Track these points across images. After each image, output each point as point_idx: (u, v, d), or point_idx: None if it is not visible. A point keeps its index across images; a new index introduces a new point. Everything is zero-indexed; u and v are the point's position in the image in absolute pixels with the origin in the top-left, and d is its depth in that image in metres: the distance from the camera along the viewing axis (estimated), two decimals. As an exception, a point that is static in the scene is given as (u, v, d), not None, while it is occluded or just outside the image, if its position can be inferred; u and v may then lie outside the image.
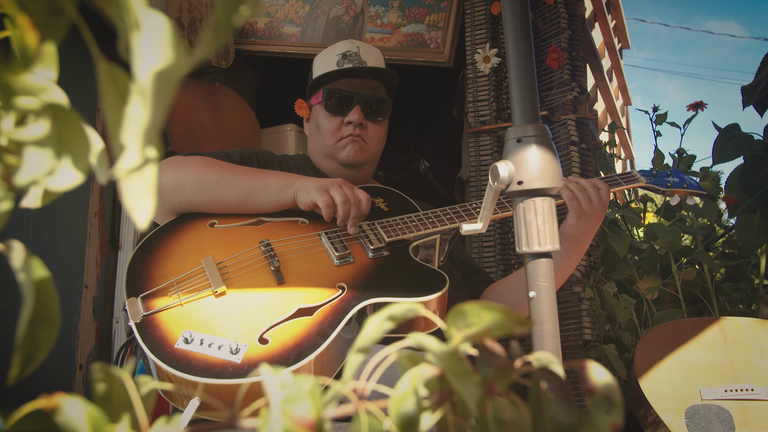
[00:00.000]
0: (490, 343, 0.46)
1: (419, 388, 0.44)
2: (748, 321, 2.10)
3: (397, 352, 0.47)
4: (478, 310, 0.46)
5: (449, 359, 0.44)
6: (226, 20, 0.35)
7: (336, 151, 1.91)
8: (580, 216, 1.69)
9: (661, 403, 1.97)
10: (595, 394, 0.44)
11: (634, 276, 2.61)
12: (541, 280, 1.17)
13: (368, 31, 2.99)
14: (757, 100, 2.71)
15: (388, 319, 0.48)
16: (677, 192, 1.87)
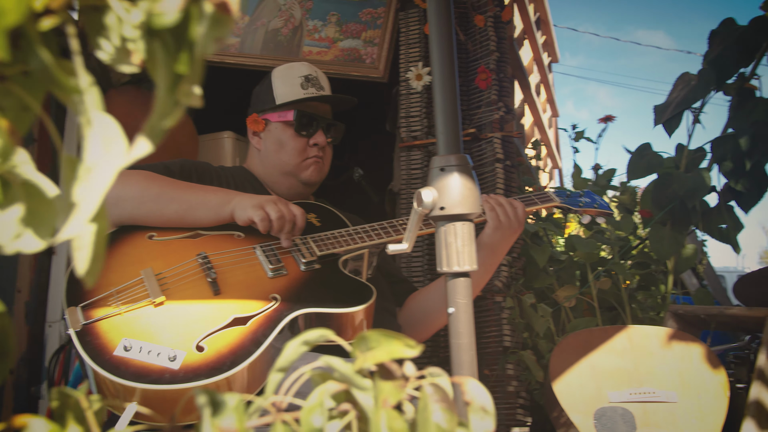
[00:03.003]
0: (387, 363, 0.56)
1: (326, 401, 0.54)
2: (653, 329, 2.26)
3: (311, 371, 0.57)
4: (377, 336, 0.56)
5: (353, 377, 0.54)
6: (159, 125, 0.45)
7: (300, 171, 2.02)
8: (496, 227, 1.84)
9: (572, 405, 2.12)
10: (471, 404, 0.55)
11: (554, 285, 2.77)
12: (459, 297, 1.29)
13: (306, 44, 3.08)
14: (667, 120, 2.91)
15: (303, 343, 0.58)
16: (588, 212, 2.03)
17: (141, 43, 0.45)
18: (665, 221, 2.87)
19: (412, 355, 0.56)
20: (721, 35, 2.94)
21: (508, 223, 1.84)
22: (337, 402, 0.57)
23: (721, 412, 2.11)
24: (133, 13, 0.44)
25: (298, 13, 3.13)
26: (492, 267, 1.94)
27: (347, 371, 0.55)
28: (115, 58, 0.46)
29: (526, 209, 1.90)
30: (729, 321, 2.41)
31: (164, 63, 0.45)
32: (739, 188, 2.85)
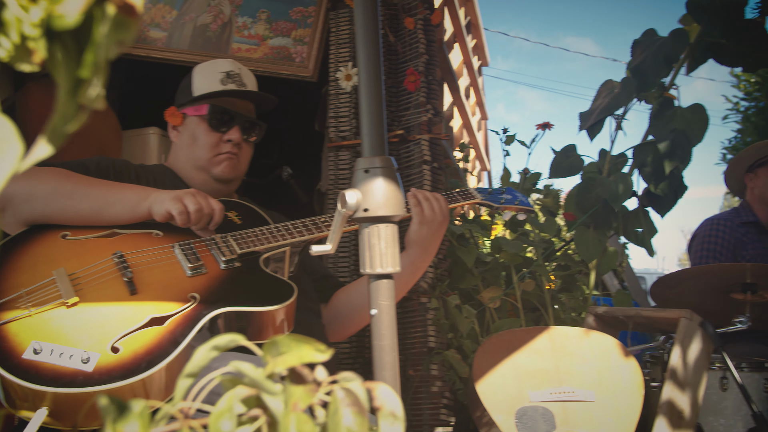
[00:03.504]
0: (299, 368, 0.56)
1: (236, 406, 0.53)
2: (574, 330, 2.32)
3: (221, 376, 0.56)
4: (288, 340, 0.56)
5: (263, 381, 0.53)
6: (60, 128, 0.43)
7: (212, 166, 1.98)
8: (422, 222, 1.85)
9: (494, 405, 2.15)
10: (381, 409, 0.55)
11: (479, 286, 2.81)
12: (382, 299, 1.30)
13: (235, 41, 3.04)
14: (590, 126, 2.99)
15: (212, 349, 0.57)
16: (509, 208, 2.07)
17: (42, 42, 0.44)
18: (588, 224, 2.95)
19: (322, 359, 0.55)
20: (643, 45, 3.04)
21: (432, 217, 1.86)
22: (247, 407, 0.56)
23: (636, 410, 2.17)
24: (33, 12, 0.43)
25: (227, 9, 3.09)
26: (424, 264, 1.95)
27: (257, 376, 0.54)
28: (14, 56, 0.44)
29: (448, 205, 1.92)
30: (645, 322, 2.48)
31: (65, 65, 0.43)
32: (658, 193, 2.95)
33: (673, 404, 2.18)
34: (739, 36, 2.90)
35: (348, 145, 2.74)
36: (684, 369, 2.20)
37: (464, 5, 4.72)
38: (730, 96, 8.10)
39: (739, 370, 2.59)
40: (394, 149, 2.73)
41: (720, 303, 2.45)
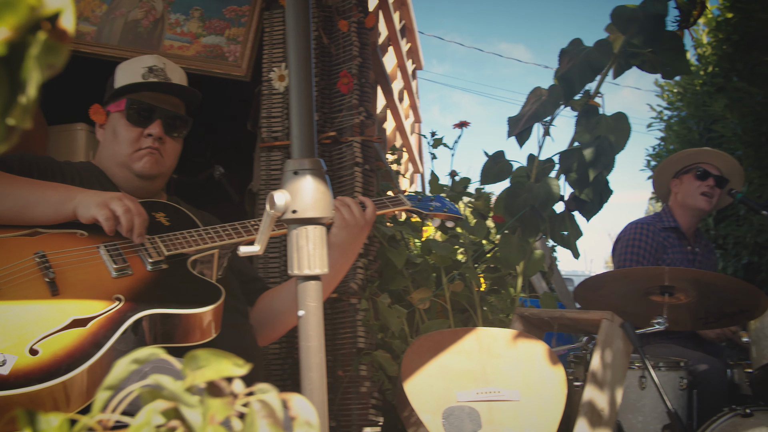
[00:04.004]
0: (217, 381, 0.57)
1: (154, 419, 0.54)
2: (500, 331, 2.37)
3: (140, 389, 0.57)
4: (207, 355, 0.57)
5: (182, 394, 0.54)
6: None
7: (132, 162, 1.94)
8: (341, 226, 1.87)
9: (422, 404, 2.18)
10: (297, 419, 0.57)
11: (409, 287, 2.85)
12: (309, 300, 1.30)
13: (167, 38, 3.00)
14: (519, 132, 3.06)
15: (132, 362, 0.57)
16: (438, 216, 2.11)
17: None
18: (515, 228, 3.02)
19: (240, 373, 0.57)
20: (570, 54, 3.13)
21: (353, 221, 1.87)
22: (166, 419, 0.57)
23: (559, 408, 2.24)
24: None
25: (159, 6, 3.04)
26: (344, 267, 1.97)
27: (176, 389, 0.55)
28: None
29: (377, 211, 1.94)
30: (569, 323, 2.56)
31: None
32: (583, 197, 3.04)
33: (594, 403, 2.25)
34: (659, 46, 3.02)
35: (280, 145, 2.73)
36: (605, 369, 2.28)
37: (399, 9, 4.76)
38: (654, 105, 8.35)
39: (656, 370, 2.70)
40: (326, 151, 2.74)
41: (640, 305, 2.54)
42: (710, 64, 7.24)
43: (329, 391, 2.52)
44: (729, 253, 6.84)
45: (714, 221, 7.08)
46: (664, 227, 3.39)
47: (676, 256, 3.33)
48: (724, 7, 6.61)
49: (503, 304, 3.13)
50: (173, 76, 2.01)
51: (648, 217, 3.48)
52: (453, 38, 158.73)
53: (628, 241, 3.35)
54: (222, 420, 0.55)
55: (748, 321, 2.59)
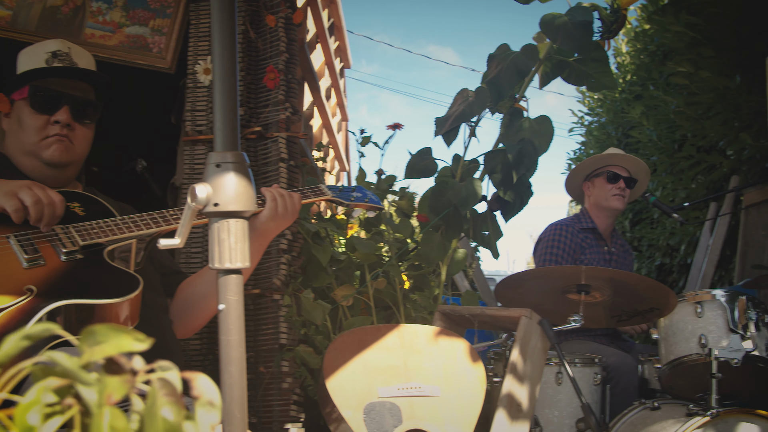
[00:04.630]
0: (117, 357, 0.56)
1: (46, 397, 0.52)
2: (422, 327, 2.40)
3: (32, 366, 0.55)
4: (106, 330, 0.56)
5: (77, 371, 0.53)
6: None
7: (40, 150, 1.87)
8: (272, 217, 1.87)
9: (344, 401, 2.18)
10: (200, 398, 0.56)
11: (333, 284, 2.85)
12: (230, 294, 1.29)
13: (89, 26, 2.91)
14: (446, 132, 3.10)
15: (24, 338, 0.56)
16: (359, 206, 2.12)
17: None
18: (439, 227, 3.05)
19: (141, 348, 0.56)
20: (498, 59, 3.19)
21: (284, 214, 1.88)
22: (60, 397, 0.55)
23: (478, 403, 2.28)
24: None
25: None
26: (260, 251, 1.97)
27: (71, 366, 0.54)
28: None
29: (301, 202, 1.95)
30: (489, 320, 2.61)
31: None
32: (507, 198, 3.10)
33: (512, 398, 2.30)
34: (585, 55, 3.10)
35: (204, 139, 2.70)
36: (523, 364, 2.33)
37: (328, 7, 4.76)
38: (576, 111, 8.61)
39: (572, 366, 2.78)
40: (251, 146, 2.71)
41: (558, 302, 2.61)
42: (629, 73, 7.50)
43: (251, 387, 2.50)
44: (643, 255, 7.09)
45: (630, 224, 7.34)
46: (582, 228, 3.49)
47: (593, 256, 3.43)
48: (642, 19, 6.86)
49: (426, 302, 3.16)
50: (79, 60, 1.95)
51: (567, 219, 3.57)
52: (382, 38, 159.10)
53: (548, 242, 3.43)
54: (120, 398, 0.54)
55: (658, 318, 2.68)
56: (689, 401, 2.55)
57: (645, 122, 6.48)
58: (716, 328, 2.56)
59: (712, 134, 5.21)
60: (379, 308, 3.00)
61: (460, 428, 2.22)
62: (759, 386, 2.70)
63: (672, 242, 6.40)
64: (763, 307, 2.61)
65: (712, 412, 2.32)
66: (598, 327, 3.13)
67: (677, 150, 6.09)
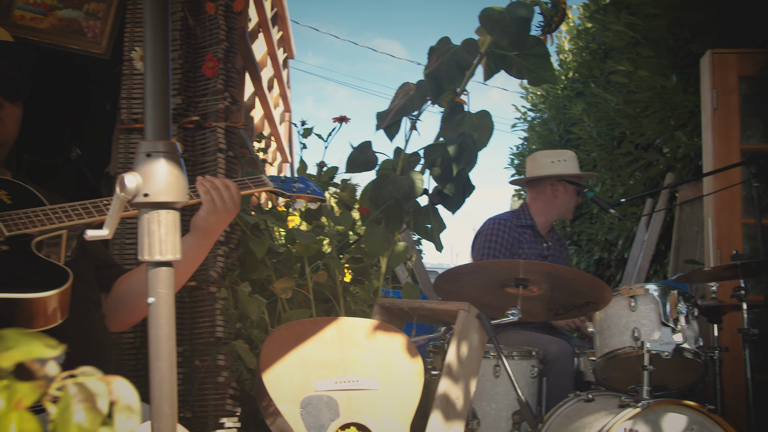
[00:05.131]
0: (29, 363, 0.53)
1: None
2: (361, 321, 2.39)
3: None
4: (16, 335, 0.53)
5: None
6: None
7: None
8: (211, 211, 1.81)
9: (280, 394, 2.16)
10: (117, 403, 0.54)
11: (272, 277, 2.82)
12: (160, 287, 1.26)
13: (18, 7, 2.80)
14: (387, 126, 3.10)
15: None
16: (301, 197, 2.09)
17: None
18: (380, 220, 3.05)
19: (52, 355, 0.53)
20: (438, 52, 3.19)
21: (223, 207, 1.82)
22: (-32, 404, 0.53)
23: (416, 397, 2.28)
24: None
25: (10, -28, 2.84)
26: (206, 248, 1.91)
27: (-21, 372, 0.51)
28: None
29: (240, 193, 1.90)
30: (428, 314, 2.62)
31: None
32: (447, 192, 3.11)
33: (450, 390, 2.32)
34: (525, 50, 3.13)
35: (140, 128, 2.63)
36: (460, 359, 2.35)
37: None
38: (519, 106, 8.72)
39: (510, 358, 2.81)
40: (189, 136, 2.66)
41: (496, 296, 2.63)
42: (570, 70, 7.63)
43: (186, 381, 2.46)
44: (582, 249, 7.24)
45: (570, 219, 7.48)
46: (520, 224, 3.53)
47: (530, 251, 3.48)
48: (584, 17, 6.98)
49: (366, 295, 3.16)
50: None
51: (505, 214, 3.61)
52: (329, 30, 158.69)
53: (486, 236, 3.46)
54: (30, 404, 0.52)
55: (594, 312, 2.74)
56: (622, 393, 2.61)
57: (586, 119, 6.60)
58: (649, 322, 2.62)
59: (650, 132, 5.33)
60: (318, 301, 2.98)
61: (398, 422, 2.23)
62: (688, 378, 2.78)
63: (610, 237, 6.55)
64: (693, 301, 2.69)
65: (642, 403, 2.37)
66: (535, 320, 3.18)
67: (616, 147, 6.23)
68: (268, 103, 4.37)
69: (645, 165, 5.70)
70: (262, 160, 3.21)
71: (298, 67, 62.54)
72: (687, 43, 4.68)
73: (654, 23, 4.76)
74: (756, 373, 3.71)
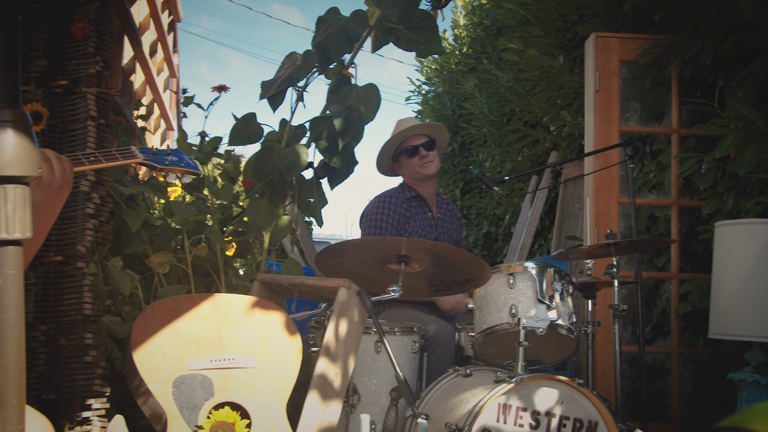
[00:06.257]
0: None
1: None
2: (239, 297, 2.33)
3: None
4: None
5: None
6: None
7: None
8: (36, 184, 1.63)
9: (151, 374, 2.09)
10: None
11: (148, 251, 2.71)
12: (8, 267, 1.18)
13: None
14: (272, 96, 3.02)
15: None
16: (174, 170, 2.00)
17: None
18: (264, 193, 2.98)
19: None
20: (327, 22, 3.13)
21: (49, 180, 1.62)
22: None
23: (293, 375, 2.25)
24: None
25: None
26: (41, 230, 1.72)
27: None
28: None
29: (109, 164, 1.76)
30: (308, 290, 2.59)
31: None
32: (333, 165, 3.07)
33: (327, 370, 2.30)
34: (413, 24, 3.11)
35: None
36: (339, 336, 2.33)
37: (154, -46, 4.46)
38: (414, 79, 8.75)
39: (391, 334, 2.83)
40: (56, 101, 2.50)
41: (379, 272, 2.63)
42: (465, 45, 7.70)
43: (50, 361, 2.34)
44: (472, 223, 7.39)
45: (460, 193, 7.60)
46: (407, 198, 3.53)
47: (419, 223, 3.49)
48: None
49: (249, 269, 3.10)
50: None
51: (391, 190, 3.60)
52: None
53: (372, 215, 3.44)
54: None
55: (474, 289, 2.78)
56: (499, 368, 2.66)
57: (477, 95, 6.70)
58: (526, 299, 2.68)
59: (537, 110, 5.46)
60: (199, 276, 2.90)
61: (274, 400, 2.20)
62: (563, 352, 2.88)
63: (498, 212, 6.69)
64: (568, 279, 2.77)
65: (516, 378, 2.43)
66: (418, 297, 3.20)
67: (506, 123, 6.36)
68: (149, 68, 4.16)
69: (533, 142, 5.84)
70: (142, 128, 3.07)
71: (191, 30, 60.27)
72: (574, 24, 4.80)
73: (544, 3, 4.85)
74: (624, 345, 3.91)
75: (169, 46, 5.19)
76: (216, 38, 79.42)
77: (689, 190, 3.93)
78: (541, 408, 2.45)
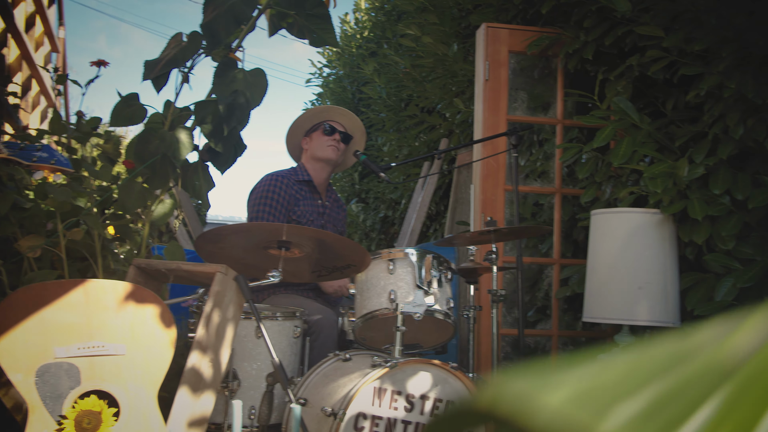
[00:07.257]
0: None
1: None
2: (110, 282, 2.27)
3: None
4: None
5: None
6: None
7: None
8: None
9: (12, 363, 2.02)
10: None
11: (17, 234, 2.61)
12: None
13: None
14: (155, 77, 2.94)
15: None
16: (42, 167, 1.93)
17: None
18: (145, 175, 2.91)
19: None
20: (215, 3, 3.06)
21: None
22: None
23: (166, 362, 2.22)
24: None
25: None
26: None
27: None
28: None
29: None
30: (185, 275, 2.56)
31: None
32: (218, 149, 3.03)
33: (205, 352, 2.28)
34: (305, 10, 3.09)
35: None
36: (214, 323, 2.32)
37: None
38: (315, 61, 8.70)
39: (273, 320, 2.83)
40: None
41: (259, 258, 2.62)
42: (366, 29, 7.72)
43: None
44: (369, 207, 7.45)
45: (359, 176, 7.64)
46: (297, 180, 3.54)
47: (306, 209, 3.51)
48: (379, -23, 7.07)
49: (130, 254, 3.02)
50: None
51: (284, 171, 3.60)
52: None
53: (261, 193, 3.44)
54: None
55: (355, 274, 2.81)
56: (378, 352, 2.72)
57: (377, 79, 6.73)
58: (405, 284, 2.74)
59: (433, 97, 5.54)
60: (74, 260, 2.81)
61: (145, 387, 2.17)
62: (441, 336, 2.96)
63: (394, 196, 6.77)
64: (447, 265, 2.84)
65: (391, 363, 2.48)
66: (300, 281, 3.21)
67: (403, 108, 6.42)
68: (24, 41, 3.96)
69: (429, 128, 5.93)
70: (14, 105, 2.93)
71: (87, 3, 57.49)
72: (469, 13, 4.88)
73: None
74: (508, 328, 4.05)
75: (50, 19, 4.95)
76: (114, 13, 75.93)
77: (572, 179, 4.08)
78: (415, 391, 2.52)
